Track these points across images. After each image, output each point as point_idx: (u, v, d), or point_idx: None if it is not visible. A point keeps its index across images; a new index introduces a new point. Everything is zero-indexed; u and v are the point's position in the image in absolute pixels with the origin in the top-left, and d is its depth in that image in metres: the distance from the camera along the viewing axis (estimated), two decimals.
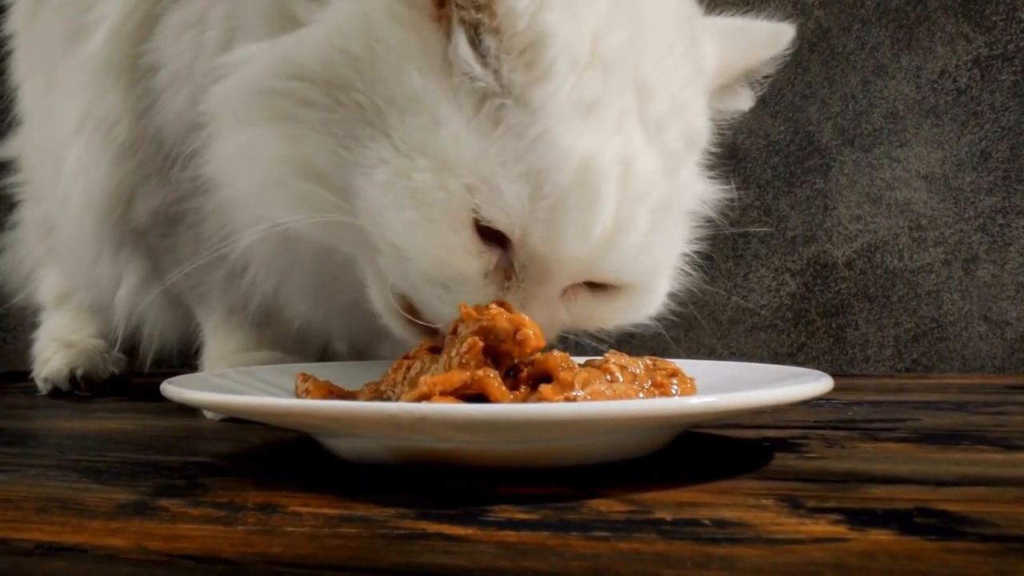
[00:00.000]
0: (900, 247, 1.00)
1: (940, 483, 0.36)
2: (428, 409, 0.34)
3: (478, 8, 0.44)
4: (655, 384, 0.42)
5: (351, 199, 0.46)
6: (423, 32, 0.45)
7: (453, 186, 0.43)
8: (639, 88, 0.47)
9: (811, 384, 0.40)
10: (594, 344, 0.56)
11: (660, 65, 0.48)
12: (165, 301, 0.70)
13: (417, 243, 0.45)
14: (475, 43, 0.44)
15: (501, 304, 0.42)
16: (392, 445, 0.38)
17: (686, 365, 0.46)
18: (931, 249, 0.99)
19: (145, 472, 0.42)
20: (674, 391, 0.42)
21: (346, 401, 0.39)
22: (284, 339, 0.64)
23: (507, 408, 0.34)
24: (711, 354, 1.04)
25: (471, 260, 0.45)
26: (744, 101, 0.56)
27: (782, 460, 0.42)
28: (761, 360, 1.02)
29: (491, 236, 0.45)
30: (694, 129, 0.51)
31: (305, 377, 0.45)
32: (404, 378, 0.42)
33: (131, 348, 0.85)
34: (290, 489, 0.37)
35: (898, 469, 0.40)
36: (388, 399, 0.42)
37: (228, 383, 0.48)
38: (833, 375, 0.44)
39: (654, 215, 0.47)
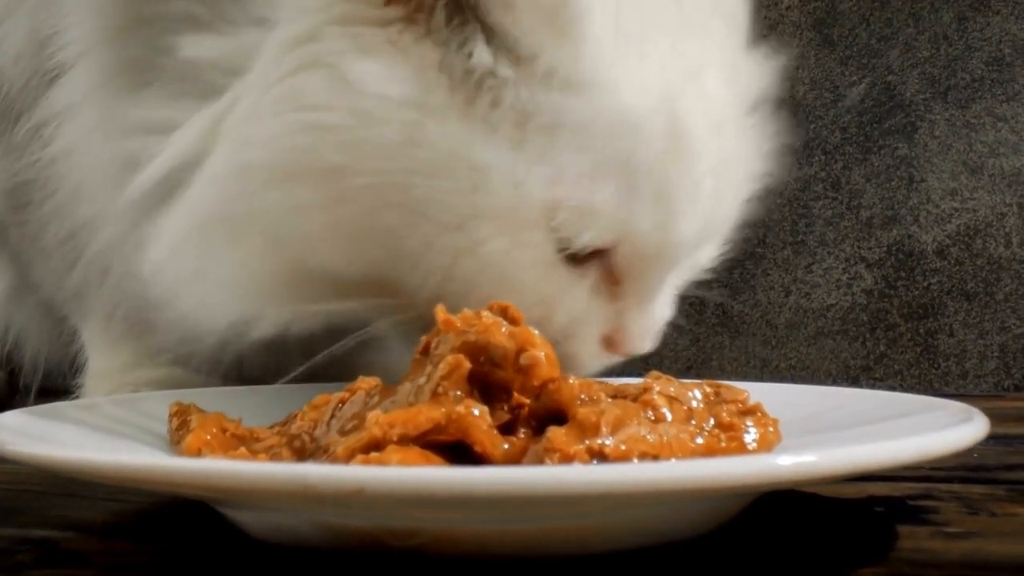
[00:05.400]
0: (1007, 230, 0.95)
1: None
2: (367, 476, 0.26)
3: None
4: (720, 425, 0.35)
5: (393, 293, 0.43)
6: (404, 51, 0.40)
7: (531, 239, 0.41)
8: None
9: (959, 430, 0.32)
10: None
11: None
12: (44, 311, 0.65)
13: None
14: (489, 37, 0.40)
15: (503, 310, 0.36)
16: (322, 521, 0.31)
17: (755, 392, 0.39)
18: None
19: None
20: (749, 436, 0.34)
21: (236, 461, 0.31)
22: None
23: (493, 473, 0.27)
24: (764, 367, 0.99)
25: (572, 292, 0.43)
26: None
27: (912, 539, 0.34)
28: (828, 375, 0.97)
29: (584, 256, 0.43)
30: (731, 3, 0.48)
31: (181, 409, 0.38)
32: (332, 418, 0.35)
33: (14, 367, 0.79)
34: None
35: None
36: (304, 447, 0.34)
37: (94, 419, 0.41)
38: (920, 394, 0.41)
39: (732, 133, 0.46)
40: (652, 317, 0.46)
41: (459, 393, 0.33)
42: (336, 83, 0.40)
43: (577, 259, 0.43)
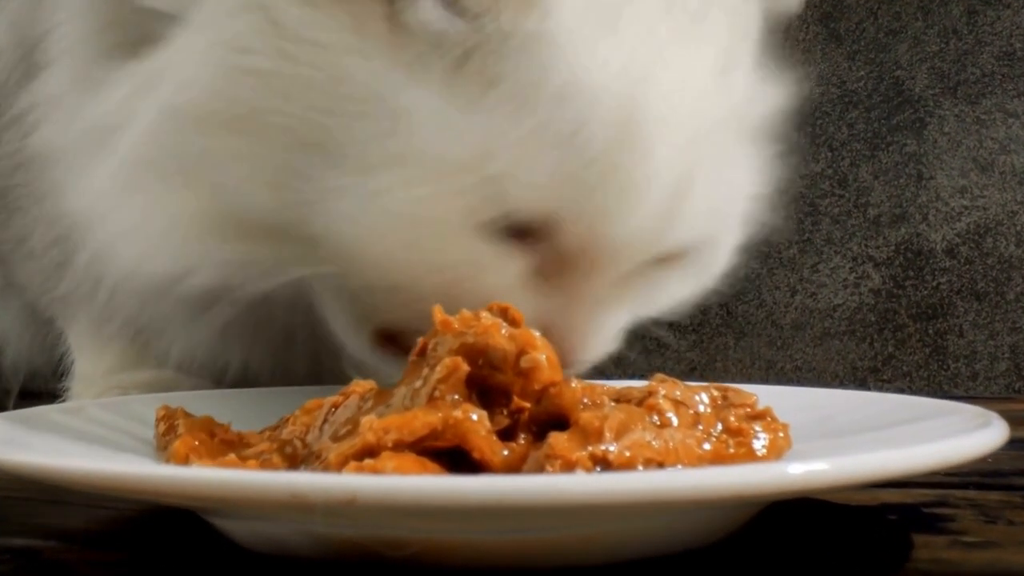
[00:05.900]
0: (1018, 228, 0.95)
1: None
2: (360, 484, 0.25)
3: None
4: (728, 430, 0.34)
5: (312, 245, 0.42)
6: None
7: (446, 193, 0.39)
8: None
9: (979, 436, 0.31)
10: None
11: None
12: (29, 313, 0.64)
13: (424, 274, 0.41)
14: None
15: (503, 311, 0.35)
16: (313, 531, 0.30)
17: (762, 395, 0.38)
18: None
19: None
20: (759, 442, 0.33)
21: (222, 470, 0.30)
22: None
23: (492, 482, 0.26)
24: (769, 369, 0.99)
25: (490, 267, 0.41)
26: None
27: (929, 548, 0.33)
28: (835, 377, 0.98)
29: (521, 232, 0.41)
30: (742, 11, 0.46)
31: (169, 413, 0.38)
32: (325, 423, 0.34)
33: None
34: None
35: None
36: (295, 453, 0.34)
37: (79, 423, 0.40)
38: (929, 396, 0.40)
39: (716, 140, 0.43)
40: (592, 319, 0.43)
41: (457, 397, 0.32)
42: (266, 26, 0.39)
43: (504, 233, 0.41)
